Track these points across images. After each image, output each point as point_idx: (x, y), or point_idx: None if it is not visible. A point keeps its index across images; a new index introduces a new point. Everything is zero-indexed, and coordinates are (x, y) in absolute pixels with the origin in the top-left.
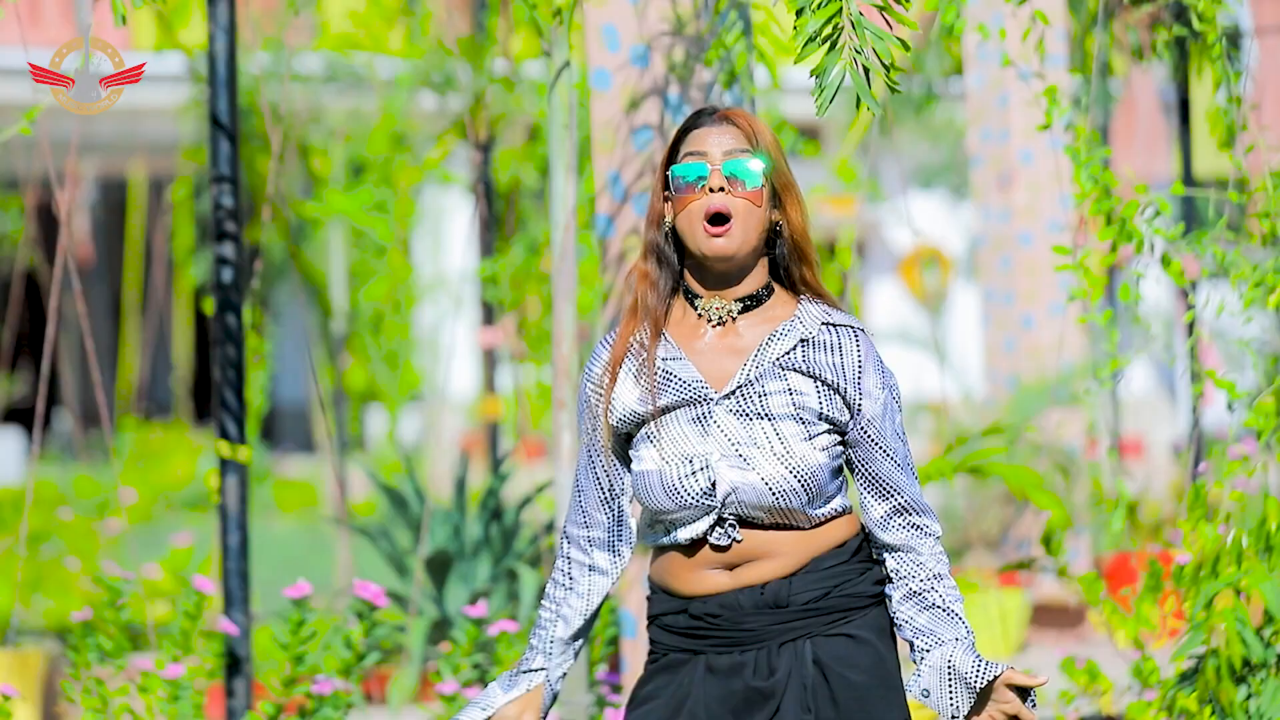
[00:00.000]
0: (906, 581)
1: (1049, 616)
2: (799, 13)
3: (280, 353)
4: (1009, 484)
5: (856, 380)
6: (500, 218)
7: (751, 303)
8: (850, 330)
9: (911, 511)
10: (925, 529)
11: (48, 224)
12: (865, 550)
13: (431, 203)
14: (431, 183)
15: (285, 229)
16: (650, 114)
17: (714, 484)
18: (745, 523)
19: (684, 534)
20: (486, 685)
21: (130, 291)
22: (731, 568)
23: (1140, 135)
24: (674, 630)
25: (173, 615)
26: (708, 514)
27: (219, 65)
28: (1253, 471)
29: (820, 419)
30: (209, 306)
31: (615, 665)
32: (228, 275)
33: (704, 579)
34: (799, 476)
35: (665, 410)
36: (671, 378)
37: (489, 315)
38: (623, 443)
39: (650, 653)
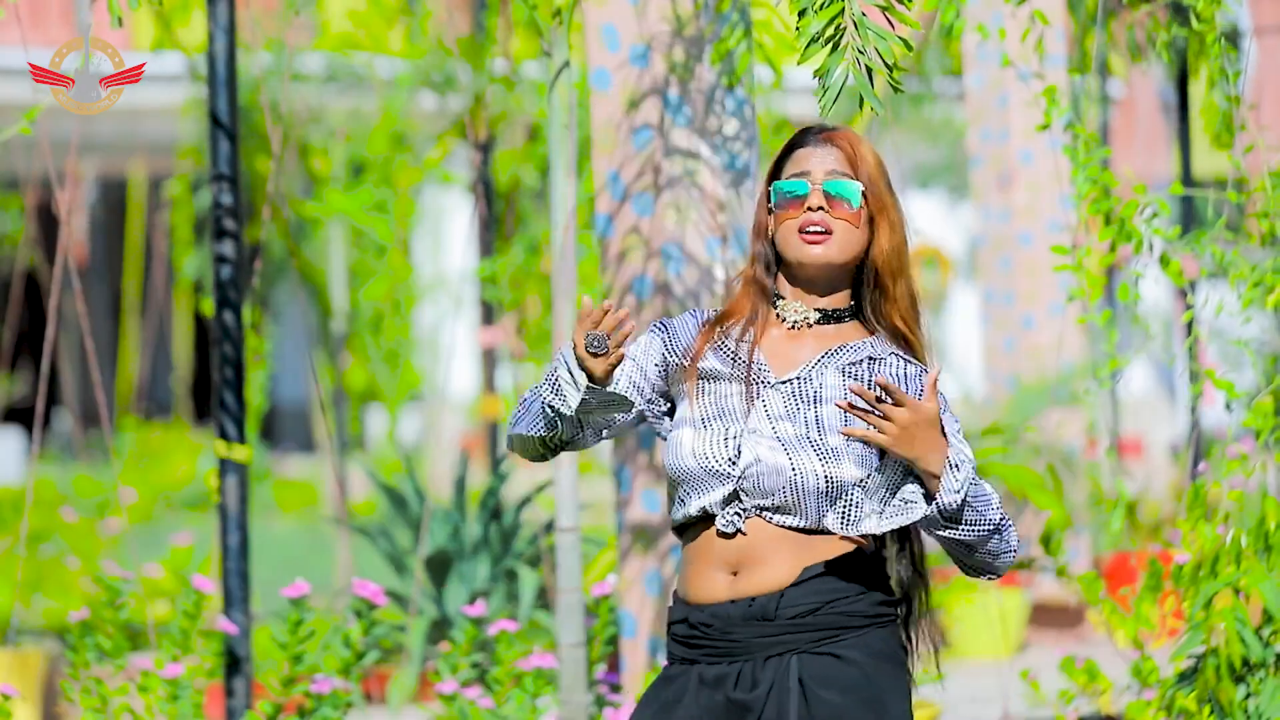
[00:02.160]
0: None
1: (1049, 616)
2: (801, 14)
3: (280, 353)
4: (1009, 484)
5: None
6: (500, 218)
7: (829, 319)
8: (920, 368)
9: None
10: None
11: (48, 224)
12: (873, 570)
13: (431, 203)
14: (431, 183)
15: (285, 228)
16: (650, 114)
17: (739, 453)
18: (757, 511)
19: (696, 503)
20: (487, 685)
21: (130, 291)
22: (734, 572)
23: (1140, 135)
24: (678, 639)
25: (172, 615)
26: (723, 484)
27: (219, 65)
28: (1251, 471)
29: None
30: (208, 306)
31: (615, 665)
32: (227, 274)
33: (708, 581)
34: (826, 464)
35: (715, 377)
36: (737, 357)
37: (489, 315)
38: (659, 395)
39: (667, 662)
